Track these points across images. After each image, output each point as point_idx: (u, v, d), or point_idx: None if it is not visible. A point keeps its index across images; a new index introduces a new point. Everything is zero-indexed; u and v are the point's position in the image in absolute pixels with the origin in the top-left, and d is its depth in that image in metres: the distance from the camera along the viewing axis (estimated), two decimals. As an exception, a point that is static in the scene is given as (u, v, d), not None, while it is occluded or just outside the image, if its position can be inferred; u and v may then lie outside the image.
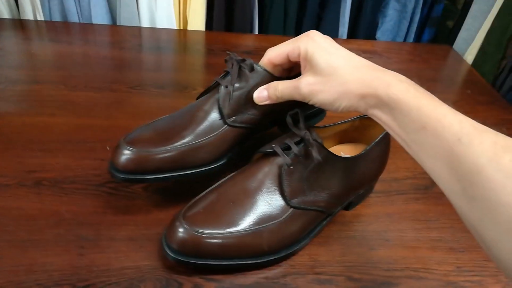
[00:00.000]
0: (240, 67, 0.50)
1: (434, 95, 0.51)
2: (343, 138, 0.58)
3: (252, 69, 0.50)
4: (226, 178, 0.49)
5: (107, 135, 0.62)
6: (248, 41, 0.95)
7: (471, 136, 0.32)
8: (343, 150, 0.58)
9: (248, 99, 0.51)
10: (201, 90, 0.75)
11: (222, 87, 0.50)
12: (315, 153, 0.46)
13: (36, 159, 0.57)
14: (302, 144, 0.47)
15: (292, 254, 0.48)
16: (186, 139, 0.49)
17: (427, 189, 0.60)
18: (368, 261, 0.49)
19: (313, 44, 0.44)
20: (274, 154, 0.48)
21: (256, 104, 0.50)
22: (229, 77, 0.51)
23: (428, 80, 0.88)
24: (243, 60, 0.50)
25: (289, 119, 0.48)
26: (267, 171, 0.48)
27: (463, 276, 0.48)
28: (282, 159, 0.47)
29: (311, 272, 0.47)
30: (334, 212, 0.52)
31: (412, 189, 0.60)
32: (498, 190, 0.30)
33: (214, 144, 0.51)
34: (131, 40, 0.89)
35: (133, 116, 0.67)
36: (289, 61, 0.48)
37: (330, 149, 0.57)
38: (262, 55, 0.50)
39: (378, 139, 0.51)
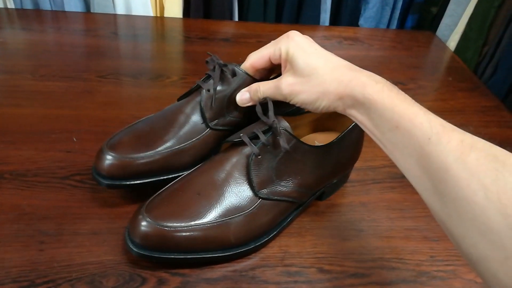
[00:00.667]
0: (222, 71, 0.50)
1: (416, 82, 0.49)
2: (318, 126, 0.57)
3: (234, 74, 0.50)
4: (192, 169, 0.48)
5: (74, 125, 0.60)
6: (227, 28, 0.93)
7: (440, 135, 0.33)
8: (318, 139, 0.56)
9: (230, 102, 0.50)
10: (176, 78, 0.74)
11: (204, 90, 0.50)
12: (282, 142, 0.44)
13: (-3, 151, 0.55)
14: (270, 133, 0.45)
15: (262, 246, 0.47)
16: (169, 144, 0.49)
17: (403, 177, 0.58)
18: (339, 252, 0.48)
19: (293, 45, 0.44)
20: (243, 143, 0.46)
21: (238, 107, 0.50)
22: (211, 81, 0.50)
23: (410, 67, 0.87)
24: (225, 65, 0.50)
25: (258, 108, 0.46)
26: (235, 161, 0.46)
27: (436, 266, 0.47)
28: (250, 148, 0.45)
29: (281, 264, 0.46)
30: (306, 203, 0.50)
31: (389, 178, 0.59)
32: (464, 188, 0.31)
33: (196, 148, 0.50)
34: (105, 28, 0.86)
35: (103, 105, 0.65)
36: (271, 63, 0.48)
37: (303, 138, 0.56)
38: (241, 43, 0.49)
39: (351, 126, 0.50)
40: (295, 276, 0.45)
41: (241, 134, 0.46)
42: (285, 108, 0.48)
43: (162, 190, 0.45)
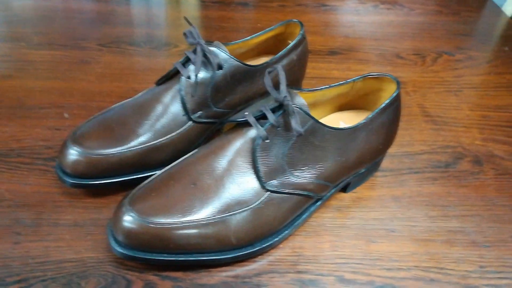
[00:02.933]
0: (204, 55, 0.43)
1: (466, 52, 0.39)
2: (344, 104, 0.47)
3: (219, 58, 0.43)
4: (187, 155, 0.40)
5: (66, 99, 0.54)
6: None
7: None
8: (343, 119, 0.47)
9: (216, 90, 0.43)
10: (185, 47, 0.65)
11: (183, 78, 0.42)
12: (294, 123, 0.35)
13: (-21, 127, 0.49)
14: (281, 111, 0.37)
15: (269, 247, 0.39)
16: (143, 138, 0.42)
17: (447, 166, 0.49)
18: (365, 257, 0.39)
19: None
20: (248, 124, 0.38)
21: (227, 95, 0.44)
22: (191, 66, 0.43)
23: (458, 35, 0.75)
24: (209, 49, 0.42)
25: (267, 79, 0.37)
26: (239, 146, 0.38)
27: (486, 279, 0.38)
28: (256, 130, 0.37)
29: (293, 270, 0.38)
30: (325, 196, 0.42)
31: (429, 167, 0.49)
32: None
33: (176, 144, 0.43)
34: (112, -8, 0.78)
35: (100, 78, 0.58)
36: None
37: (326, 118, 0.47)
38: (262, 7, 0.41)
39: (383, 105, 0.41)
40: (309, 286, 0.37)
41: (246, 113, 0.38)
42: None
43: (150, 178, 0.38)
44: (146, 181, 0.38)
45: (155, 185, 0.37)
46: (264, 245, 0.38)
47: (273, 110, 0.37)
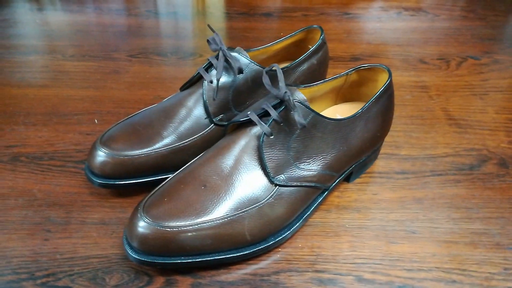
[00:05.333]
0: (226, 60, 0.44)
1: (492, 56, 0.38)
2: (339, 97, 0.48)
3: (240, 63, 0.45)
4: (194, 159, 0.41)
5: (97, 107, 0.56)
6: (270, 1, 0.85)
7: None
8: (340, 112, 0.48)
9: (237, 94, 0.45)
10: (209, 56, 0.67)
11: (206, 82, 0.44)
12: (298, 117, 0.36)
13: (17, 133, 0.52)
14: (283, 107, 0.38)
15: (283, 240, 0.39)
16: (168, 140, 0.44)
17: (472, 169, 0.48)
18: (385, 258, 0.39)
19: None
20: (251, 123, 0.39)
21: (247, 99, 0.45)
22: (214, 71, 0.44)
23: (484, 40, 0.74)
24: (230, 55, 0.44)
25: (265, 78, 0.38)
26: (244, 144, 0.39)
27: (511, 281, 0.37)
28: (260, 127, 0.38)
29: (311, 269, 0.38)
30: (331, 186, 0.42)
31: (453, 169, 0.48)
32: None
33: (199, 146, 0.45)
34: (141, 7, 0.82)
35: (129, 86, 0.60)
36: None
37: (323, 112, 0.48)
38: (285, 17, 0.43)
39: (378, 93, 0.41)
40: (327, 285, 0.37)
41: (248, 112, 0.39)
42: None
43: (161, 184, 0.39)
44: (156, 188, 0.39)
45: (166, 191, 0.38)
46: (277, 239, 0.39)
47: (275, 107, 0.38)
